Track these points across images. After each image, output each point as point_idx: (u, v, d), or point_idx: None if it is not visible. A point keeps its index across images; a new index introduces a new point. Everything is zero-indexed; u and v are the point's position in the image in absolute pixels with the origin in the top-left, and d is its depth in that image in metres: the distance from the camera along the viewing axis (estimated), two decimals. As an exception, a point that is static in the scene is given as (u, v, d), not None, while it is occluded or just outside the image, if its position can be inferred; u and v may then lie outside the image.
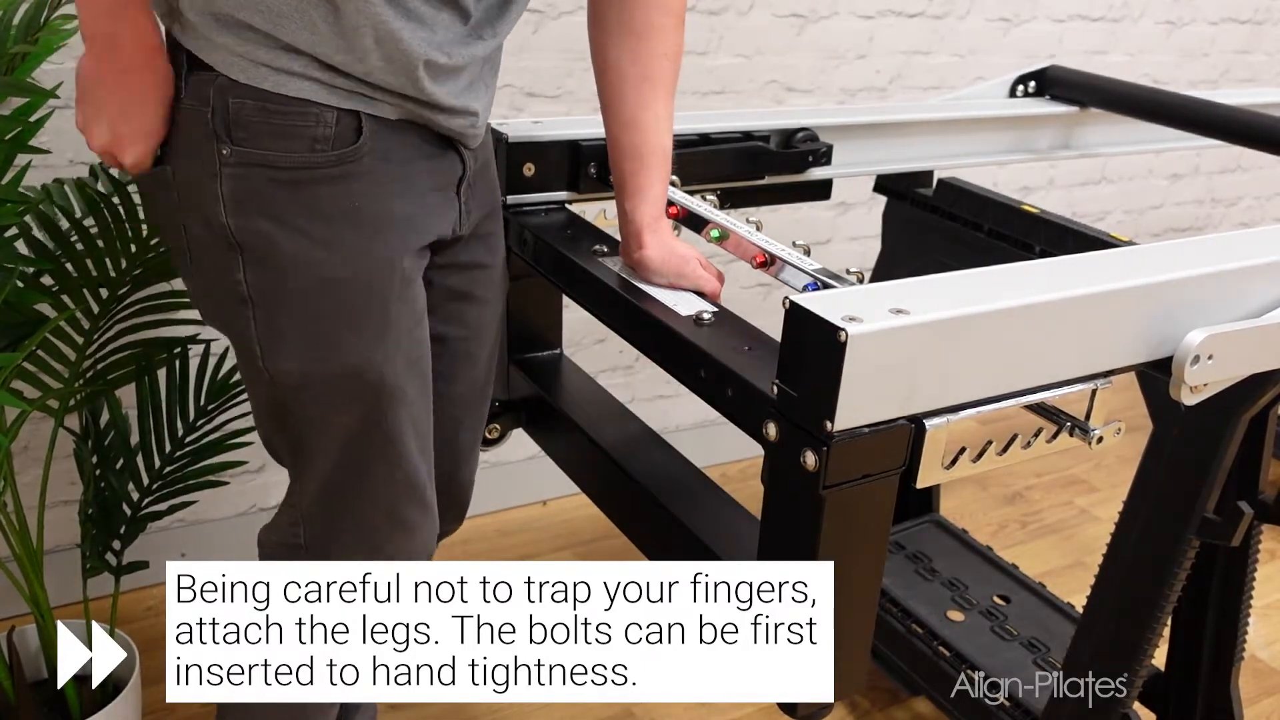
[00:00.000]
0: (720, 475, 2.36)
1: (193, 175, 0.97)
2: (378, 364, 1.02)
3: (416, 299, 1.06)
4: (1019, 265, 0.90)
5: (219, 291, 1.01)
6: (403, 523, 1.11)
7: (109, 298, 1.37)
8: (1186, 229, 3.08)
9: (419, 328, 1.07)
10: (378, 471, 1.07)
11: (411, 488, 1.10)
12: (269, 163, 0.96)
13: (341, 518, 1.09)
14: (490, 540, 2.15)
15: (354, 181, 0.98)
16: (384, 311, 1.02)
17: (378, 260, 1.01)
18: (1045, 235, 1.43)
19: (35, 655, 1.51)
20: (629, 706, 1.77)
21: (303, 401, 1.03)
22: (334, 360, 1.01)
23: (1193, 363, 0.89)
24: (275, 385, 1.03)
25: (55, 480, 1.73)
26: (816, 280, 0.99)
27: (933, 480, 0.84)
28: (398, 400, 1.05)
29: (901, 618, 1.68)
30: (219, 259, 0.99)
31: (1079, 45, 2.56)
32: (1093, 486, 2.54)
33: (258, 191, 0.96)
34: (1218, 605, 1.40)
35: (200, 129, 0.96)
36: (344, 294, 1.00)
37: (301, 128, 0.95)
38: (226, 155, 0.95)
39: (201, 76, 0.95)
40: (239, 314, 1.00)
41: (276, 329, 1.00)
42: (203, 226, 0.98)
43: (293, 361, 1.01)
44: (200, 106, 0.95)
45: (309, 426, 1.05)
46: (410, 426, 1.07)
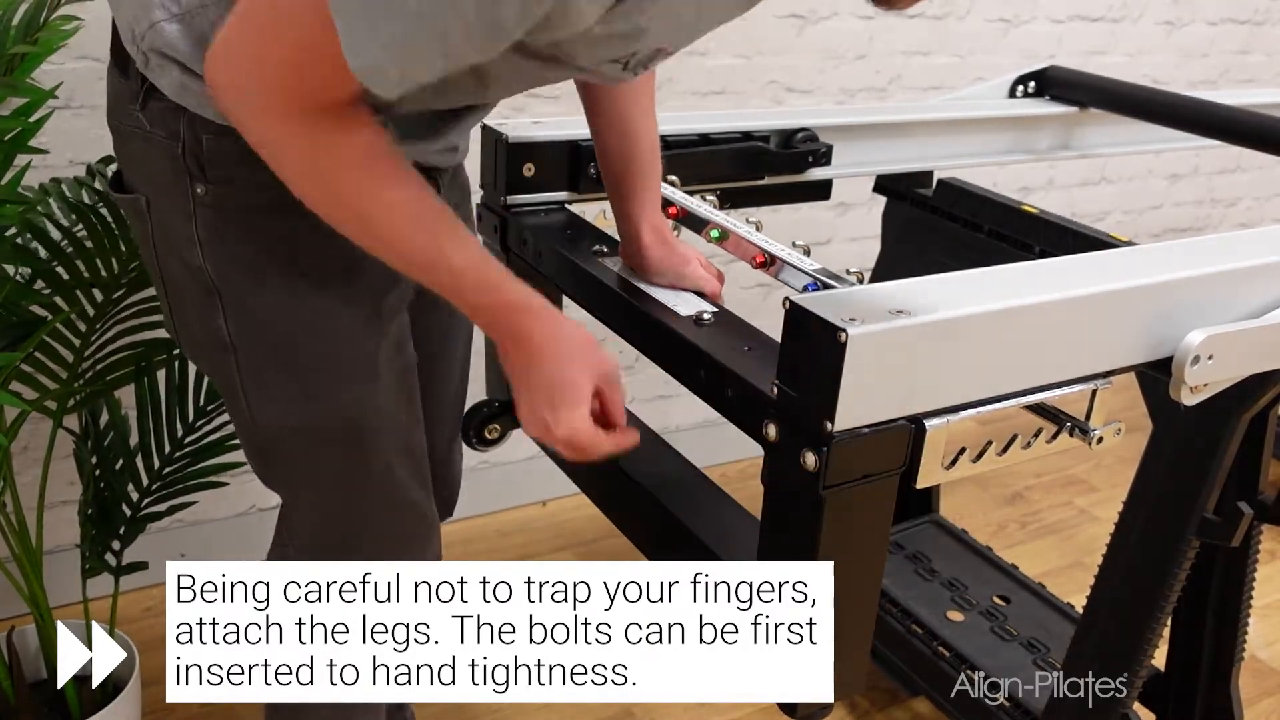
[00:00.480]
0: (720, 475, 2.36)
1: (165, 212, 0.92)
2: (370, 407, 0.98)
3: (401, 329, 1.02)
4: (1019, 265, 0.90)
5: (201, 335, 0.96)
6: (405, 541, 1.09)
7: (105, 300, 1.37)
8: (1186, 229, 3.08)
9: (403, 354, 1.03)
10: (374, 504, 1.05)
11: (410, 508, 1.08)
12: (246, 205, 0.89)
13: (344, 552, 1.05)
14: (490, 540, 2.15)
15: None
16: (373, 353, 0.98)
17: (363, 301, 0.96)
18: (1045, 235, 1.43)
19: (35, 655, 1.51)
20: (629, 706, 1.77)
21: (291, 447, 1.00)
22: (325, 408, 0.97)
23: (1193, 363, 0.89)
24: (263, 432, 0.99)
25: (55, 480, 1.73)
26: (816, 280, 0.99)
27: (933, 480, 0.84)
28: (388, 433, 1.01)
29: (901, 618, 1.68)
30: (198, 301, 0.94)
31: (1079, 45, 2.56)
32: (1092, 487, 2.54)
33: (235, 234, 0.90)
34: (1217, 605, 1.40)
35: (169, 163, 0.89)
36: (331, 340, 0.95)
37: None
38: (201, 194, 0.89)
39: (167, 104, 0.88)
40: (222, 360, 0.96)
41: (262, 378, 0.96)
42: (179, 265, 0.93)
43: (281, 410, 0.97)
44: (169, 140, 0.89)
45: (300, 473, 1.02)
46: (403, 454, 1.04)
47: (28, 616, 1.52)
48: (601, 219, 1.30)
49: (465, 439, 1.30)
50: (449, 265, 0.84)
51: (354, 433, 0.99)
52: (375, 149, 0.81)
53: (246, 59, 0.76)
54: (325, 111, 0.77)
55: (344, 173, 0.80)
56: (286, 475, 1.04)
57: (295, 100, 0.76)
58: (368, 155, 0.80)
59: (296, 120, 0.77)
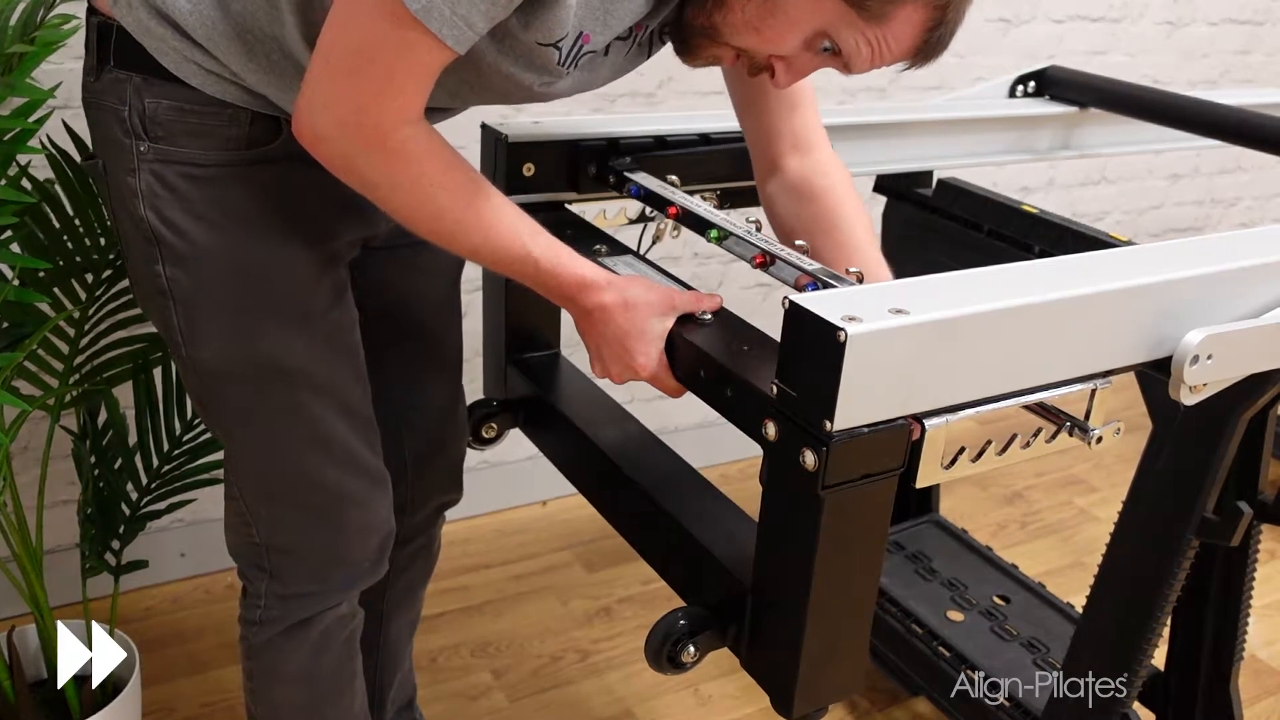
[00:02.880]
0: (720, 475, 2.36)
1: (115, 171, 1.00)
2: (298, 351, 1.05)
3: (337, 285, 1.08)
4: (1019, 265, 0.90)
5: (144, 282, 1.04)
6: (349, 497, 1.13)
7: (94, 281, 1.36)
8: (1186, 229, 3.08)
9: (338, 309, 1.08)
10: (311, 457, 1.09)
11: (352, 464, 1.12)
12: (184, 160, 0.98)
13: (285, 505, 1.11)
14: (490, 540, 2.15)
15: (268, 179, 1.00)
16: (303, 301, 1.04)
17: (295, 252, 1.03)
18: (1044, 235, 1.43)
19: (35, 655, 1.51)
20: (629, 706, 1.77)
21: (226, 392, 1.06)
22: (252, 349, 1.03)
23: (1192, 363, 0.89)
24: (198, 374, 1.05)
25: (54, 480, 1.73)
26: (816, 280, 0.99)
27: (932, 480, 0.84)
28: (321, 385, 1.07)
29: (901, 618, 1.68)
30: (141, 251, 1.01)
31: (1079, 45, 2.56)
32: (1092, 486, 2.54)
33: (173, 187, 0.98)
34: (1217, 605, 1.40)
35: (119, 126, 0.98)
36: (259, 285, 1.02)
37: (215, 127, 0.98)
38: (144, 152, 0.97)
39: (117, 75, 0.97)
40: (161, 305, 1.03)
41: (195, 321, 1.02)
42: (128, 220, 1.01)
43: (211, 350, 1.03)
44: (118, 105, 0.97)
45: (236, 417, 1.08)
46: (339, 408, 1.09)
47: (28, 616, 1.52)
48: (601, 219, 1.30)
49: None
50: (531, 258, 0.94)
51: (287, 379, 1.05)
52: (454, 163, 0.91)
53: (328, 104, 0.86)
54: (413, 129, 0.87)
55: (439, 193, 0.90)
56: (221, 418, 1.09)
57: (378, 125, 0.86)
58: (449, 170, 0.91)
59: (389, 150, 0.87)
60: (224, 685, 1.73)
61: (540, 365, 1.33)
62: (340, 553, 1.15)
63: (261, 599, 1.16)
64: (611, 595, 2.03)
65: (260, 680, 1.21)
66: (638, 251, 1.16)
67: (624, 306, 0.95)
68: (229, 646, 1.81)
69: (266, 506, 1.11)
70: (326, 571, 1.15)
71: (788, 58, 0.92)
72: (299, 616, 1.16)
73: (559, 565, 2.11)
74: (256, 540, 1.13)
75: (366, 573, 1.18)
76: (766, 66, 0.94)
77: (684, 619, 0.94)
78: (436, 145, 0.90)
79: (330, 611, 1.17)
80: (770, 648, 0.90)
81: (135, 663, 1.51)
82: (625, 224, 1.33)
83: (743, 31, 0.90)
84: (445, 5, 0.80)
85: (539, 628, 1.94)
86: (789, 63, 0.93)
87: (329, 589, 1.16)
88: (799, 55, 0.92)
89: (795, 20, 0.88)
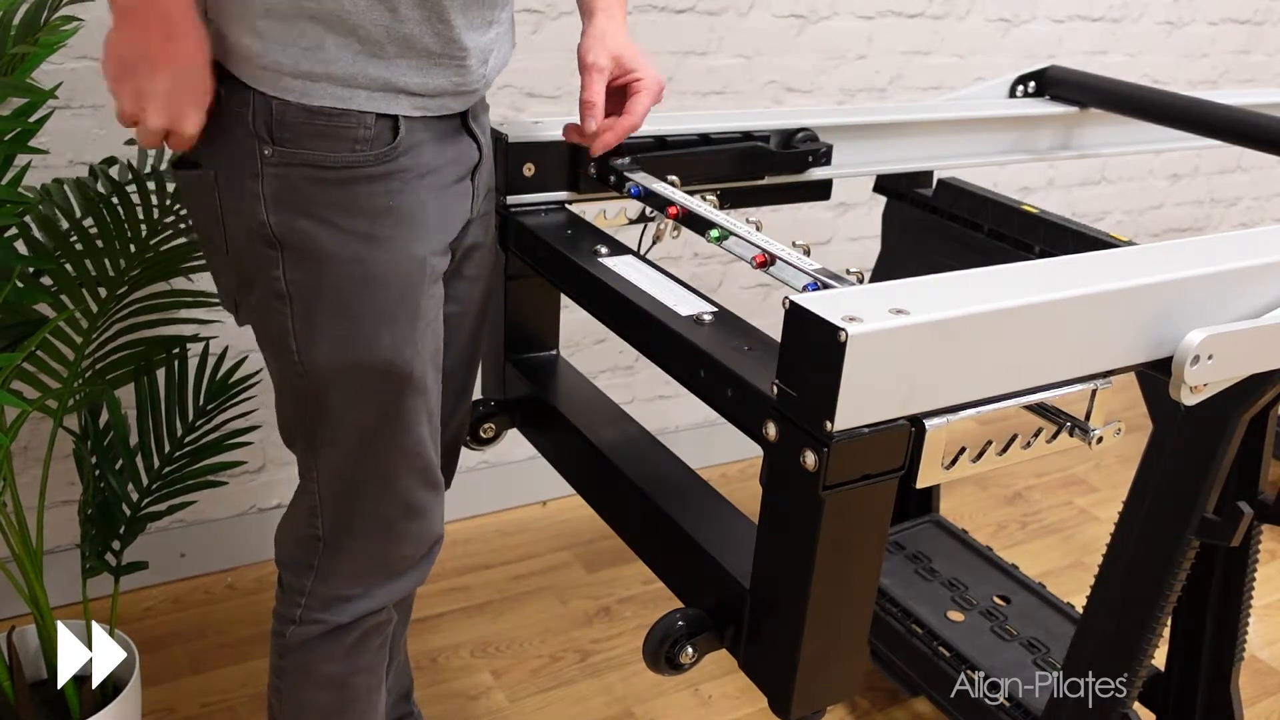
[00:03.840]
0: (720, 476, 2.36)
1: (234, 177, 0.99)
2: (408, 358, 1.05)
3: (439, 292, 1.10)
4: (1019, 265, 0.90)
5: (259, 288, 1.03)
6: (415, 507, 1.13)
7: (108, 297, 1.37)
8: (1186, 229, 3.08)
9: (438, 319, 1.10)
10: (395, 461, 1.10)
11: (425, 473, 1.13)
12: (311, 162, 0.98)
13: (359, 506, 1.11)
14: (490, 540, 2.15)
15: (391, 180, 1.01)
16: (416, 307, 1.05)
17: (412, 256, 1.04)
18: (1045, 235, 1.43)
19: (35, 656, 1.51)
20: (629, 706, 1.77)
21: (331, 395, 1.06)
22: (368, 354, 1.03)
23: (1192, 363, 0.89)
24: (308, 378, 1.05)
25: (55, 480, 1.73)
26: (816, 280, 0.99)
27: (932, 480, 0.84)
28: (420, 391, 1.08)
29: (901, 618, 1.68)
30: (258, 256, 1.01)
31: (1079, 45, 2.56)
32: (1092, 486, 2.54)
33: (299, 190, 0.98)
34: (1217, 605, 1.40)
35: (241, 129, 0.97)
36: (380, 290, 1.02)
37: (343, 129, 0.98)
38: (269, 155, 0.97)
39: (235, 80, 0.97)
40: (276, 309, 1.03)
41: (313, 323, 1.02)
42: (243, 229, 1.00)
43: (327, 355, 1.03)
44: (240, 108, 0.97)
45: (332, 418, 1.07)
46: (425, 415, 1.10)
47: (28, 616, 1.52)
48: (601, 219, 1.30)
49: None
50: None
51: (394, 384, 1.05)
52: None
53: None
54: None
55: None
56: (319, 426, 1.08)
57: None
58: None
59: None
60: (224, 685, 1.73)
61: (539, 366, 1.33)
62: (391, 560, 1.15)
63: (303, 596, 1.15)
64: (611, 595, 2.03)
65: (290, 679, 1.20)
66: (638, 251, 1.16)
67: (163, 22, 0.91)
68: (229, 647, 1.81)
69: (340, 502, 1.11)
70: (373, 576, 1.15)
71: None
72: (339, 621, 1.15)
73: (559, 565, 2.11)
74: (318, 534, 1.13)
75: (410, 581, 1.18)
76: None
77: (682, 620, 0.94)
78: None
79: (370, 618, 1.17)
80: (768, 649, 0.90)
81: (135, 663, 1.51)
82: (625, 224, 1.33)
83: None
84: None
85: (539, 628, 1.94)
86: None
87: (372, 593, 1.16)
88: None
89: None
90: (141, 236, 1.36)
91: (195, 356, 1.56)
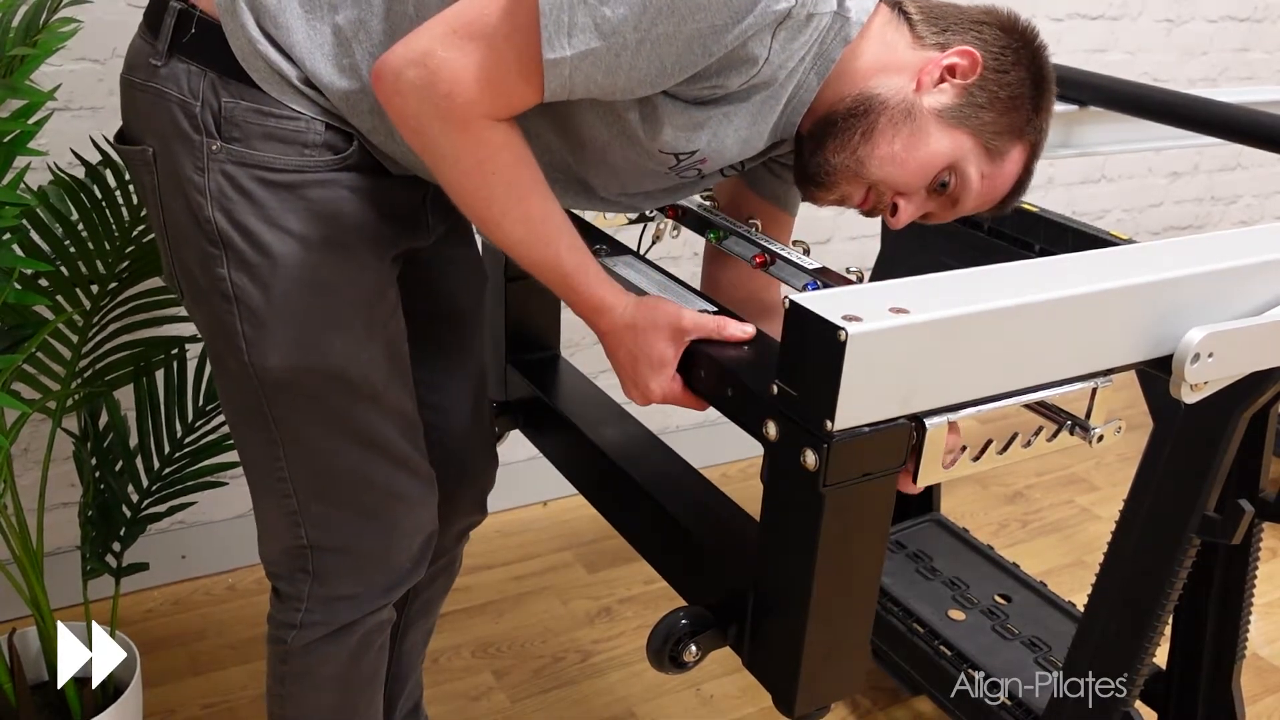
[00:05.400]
0: (720, 475, 2.36)
1: (176, 162, 0.98)
2: (363, 364, 1.04)
3: (395, 294, 1.08)
4: (1019, 264, 0.90)
5: (204, 284, 1.01)
6: (399, 494, 1.12)
7: (100, 293, 1.36)
8: (1186, 227, 3.08)
9: (395, 319, 1.09)
10: (366, 459, 1.09)
11: (404, 465, 1.12)
12: (260, 164, 0.96)
13: (342, 501, 1.10)
14: (490, 540, 2.15)
15: (342, 187, 0.99)
16: (368, 312, 1.04)
17: (365, 262, 1.02)
18: (1045, 234, 1.43)
19: (36, 657, 1.51)
20: (631, 707, 1.77)
21: (287, 398, 1.04)
22: (320, 359, 1.02)
23: (1193, 361, 0.89)
24: (260, 381, 1.03)
25: (55, 482, 1.73)
26: (816, 280, 0.99)
27: (933, 480, 0.84)
28: (379, 394, 1.07)
29: (902, 617, 1.68)
30: (202, 253, 0.99)
31: (1078, 44, 2.56)
32: (1093, 485, 2.54)
33: (247, 191, 0.97)
34: (1219, 603, 1.40)
35: (187, 120, 0.96)
36: (330, 296, 1.01)
37: (293, 133, 0.96)
38: (215, 151, 0.96)
39: (190, 68, 0.96)
40: (223, 309, 1.01)
41: (262, 327, 1.00)
42: (186, 216, 0.99)
43: (278, 359, 1.01)
44: (188, 99, 0.96)
45: (293, 422, 1.06)
46: (394, 415, 1.09)
47: (29, 618, 1.52)
48: (601, 219, 1.30)
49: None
50: (562, 269, 0.95)
51: (350, 390, 1.04)
52: (524, 160, 0.92)
53: (428, 63, 0.85)
54: (496, 122, 0.88)
55: (499, 182, 0.91)
56: (276, 423, 1.07)
57: (470, 104, 0.86)
58: (517, 165, 0.91)
59: (473, 129, 0.88)
60: (225, 687, 1.73)
61: (540, 366, 1.33)
62: (385, 554, 1.14)
63: (303, 602, 1.15)
64: (613, 595, 2.03)
65: (294, 684, 1.19)
66: (638, 251, 1.16)
67: (630, 330, 0.96)
68: (230, 648, 1.81)
69: (320, 505, 1.10)
70: (371, 573, 1.15)
71: (910, 195, 0.98)
72: (342, 621, 1.15)
73: (560, 565, 2.11)
74: (304, 542, 1.12)
75: (408, 575, 1.18)
76: (888, 205, 1.00)
77: (685, 618, 0.94)
78: (514, 140, 0.90)
79: (371, 616, 1.17)
80: (772, 647, 0.90)
81: (136, 664, 1.51)
82: (625, 224, 1.33)
83: (888, 164, 0.95)
84: (568, 68, 0.84)
85: (540, 628, 1.94)
86: (909, 200, 0.99)
87: (372, 591, 1.16)
88: (918, 193, 0.98)
89: (936, 153, 0.95)
90: (125, 228, 1.35)
91: (194, 358, 1.56)
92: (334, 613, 1.15)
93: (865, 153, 0.94)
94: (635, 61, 0.84)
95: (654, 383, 0.96)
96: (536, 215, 0.93)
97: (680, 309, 0.96)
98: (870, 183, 0.98)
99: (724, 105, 0.91)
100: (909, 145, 0.94)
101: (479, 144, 0.89)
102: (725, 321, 0.96)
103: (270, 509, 1.13)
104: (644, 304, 0.97)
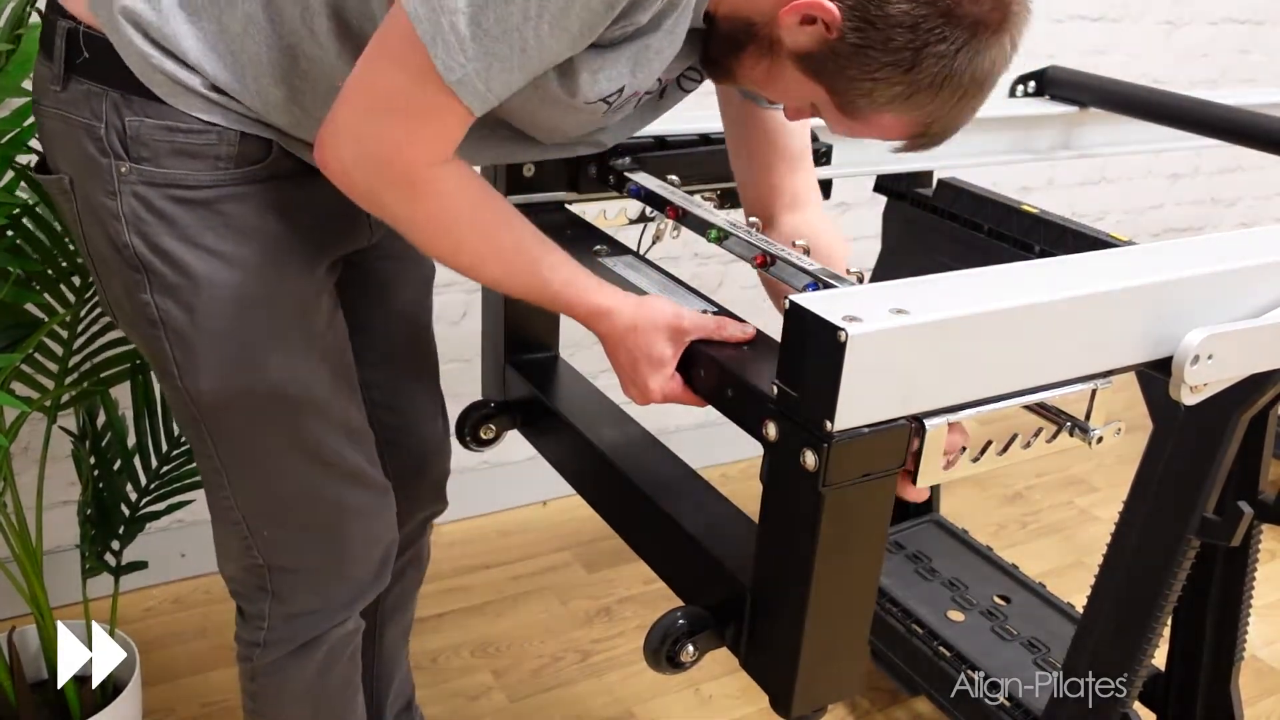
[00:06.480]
0: (720, 475, 2.36)
1: (89, 189, 0.94)
2: (303, 378, 1.02)
3: (332, 301, 1.06)
4: (1019, 265, 0.90)
5: (130, 310, 0.98)
6: (352, 508, 1.11)
7: (81, 285, 1.36)
8: (1186, 229, 3.08)
9: (334, 327, 1.07)
10: (314, 476, 1.07)
11: (354, 478, 1.10)
12: (173, 182, 0.93)
13: (291, 521, 1.09)
14: (490, 540, 2.15)
15: (261, 199, 0.96)
16: (302, 325, 1.01)
17: (292, 274, 1.00)
18: (1045, 235, 1.43)
19: (35, 656, 1.51)
20: (630, 707, 1.77)
21: (225, 421, 1.02)
22: (256, 379, 1.00)
23: (1192, 362, 0.89)
24: (196, 405, 1.01)
25: (54, 481, 1.73)
26: (816, 280, 0.99)
27: (932, 480, 0.84)
28: (322, 407, 1.04)
29: (902, 618, 1.68)
30: (125, 279, 0.96)
31: (1078, 45, 2.56)
32: (1093, 486, 2.54)
33: (161, 212, 0.93)
34: (1218, 605, 1.40)
35: (93, 144, 0.92)
36: (260, 312, 0.98)
37: (204, 147, 0.93)
38: (125, 173, 0.92)
39: (91, 88, 0.92)
40: (151, 335, 0.98)
41: (192, 350, 0.98)
42: (105, 243, 0.96)
43: (211, 382, 0.99)
44: (92, 121, 0.92)
45: (235, 444, 1.04)
46: (340, 427, 1.07)
47: (28, 617, 1.52)
48: (602, 219, 1.30)
49: (460, 439, 1.31)
50: (550, 290, 0.96)
51: (282, 402, 1.02)
52: (481, 199, 0.92)
53: (359, 139, 0.85)
54: (444, 165, 0.88)
55: (463, 230, 0.91)
56: (218, 446, 1.05)
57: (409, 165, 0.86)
58: (475, 207, 0.91)
59: (422, 186, 0.87)
60: (224, 686, 1.73)
61: (539, 366, 1.33)
62: (344, 567, 1.13)
63: (265, 620, 1.14)
64: (612, 595, 2.03)
65: (264, 702, 1.19)
66: (638, 251, 1.16)
67: (631, 331, 0.96)
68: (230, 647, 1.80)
69: (270, 528, 1.09)
70: (330, 587, 1.14)
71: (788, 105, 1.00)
72: (306, 636, 1.14)
73: (559, 565, 2.11)
74: (259, 562, 1.10)
75: (369, 586, 1.17)
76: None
77: (683, 618, 0.94)
78: (465, 182, 0.90)
79: (336, 629, 1.16)
80: (769, 647, 0.90)
81: (135, 663, 1.51)
82: (625, 224, 1.33)
83: (752, 83, 0.97)
84: (479, 80, 0.82)
85: (539, 628, 1.94)
86: (789, 107, 1.00)
87: (333, 605, 1.15)
88: (797, 108, 0.99)
89: (789, 89, 0.94)
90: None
91: (195, 357, 1.56)
92: (296, 629, 1.14)
93: (734, 66, 0.95)
94: (541, 46, 0.81)
95: (653, 382, 0.96)
96: (509, 249, 0.93)
97: (680, 309, 0.96)
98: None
99: (637, 39, 0.88)
100: (769, 76, 0.93)
101: (432, 198, 0.88)
102: (725, 322, 0.96)
103: (223, 531, 1.12)
104: (644, 304, 0.97)
